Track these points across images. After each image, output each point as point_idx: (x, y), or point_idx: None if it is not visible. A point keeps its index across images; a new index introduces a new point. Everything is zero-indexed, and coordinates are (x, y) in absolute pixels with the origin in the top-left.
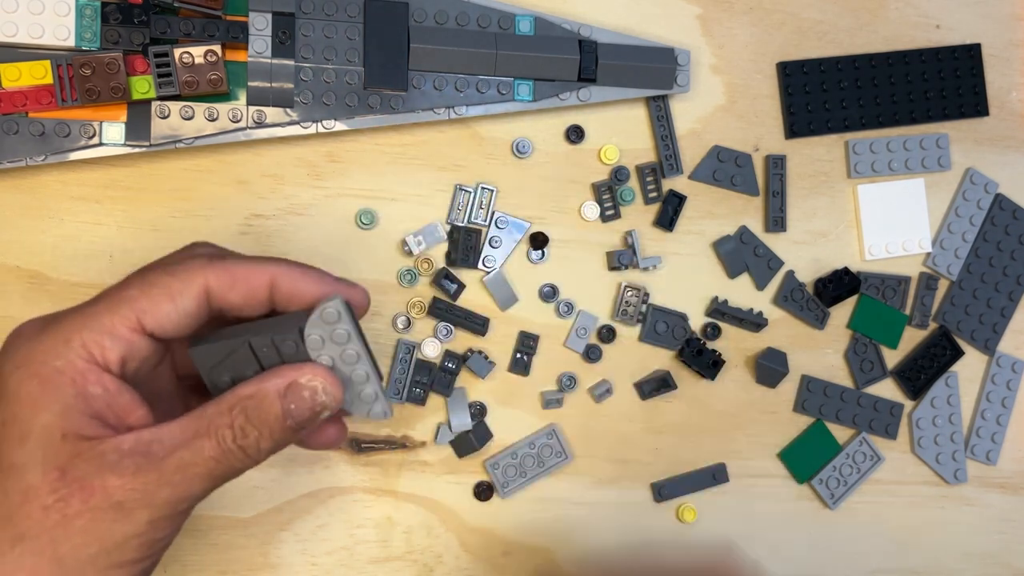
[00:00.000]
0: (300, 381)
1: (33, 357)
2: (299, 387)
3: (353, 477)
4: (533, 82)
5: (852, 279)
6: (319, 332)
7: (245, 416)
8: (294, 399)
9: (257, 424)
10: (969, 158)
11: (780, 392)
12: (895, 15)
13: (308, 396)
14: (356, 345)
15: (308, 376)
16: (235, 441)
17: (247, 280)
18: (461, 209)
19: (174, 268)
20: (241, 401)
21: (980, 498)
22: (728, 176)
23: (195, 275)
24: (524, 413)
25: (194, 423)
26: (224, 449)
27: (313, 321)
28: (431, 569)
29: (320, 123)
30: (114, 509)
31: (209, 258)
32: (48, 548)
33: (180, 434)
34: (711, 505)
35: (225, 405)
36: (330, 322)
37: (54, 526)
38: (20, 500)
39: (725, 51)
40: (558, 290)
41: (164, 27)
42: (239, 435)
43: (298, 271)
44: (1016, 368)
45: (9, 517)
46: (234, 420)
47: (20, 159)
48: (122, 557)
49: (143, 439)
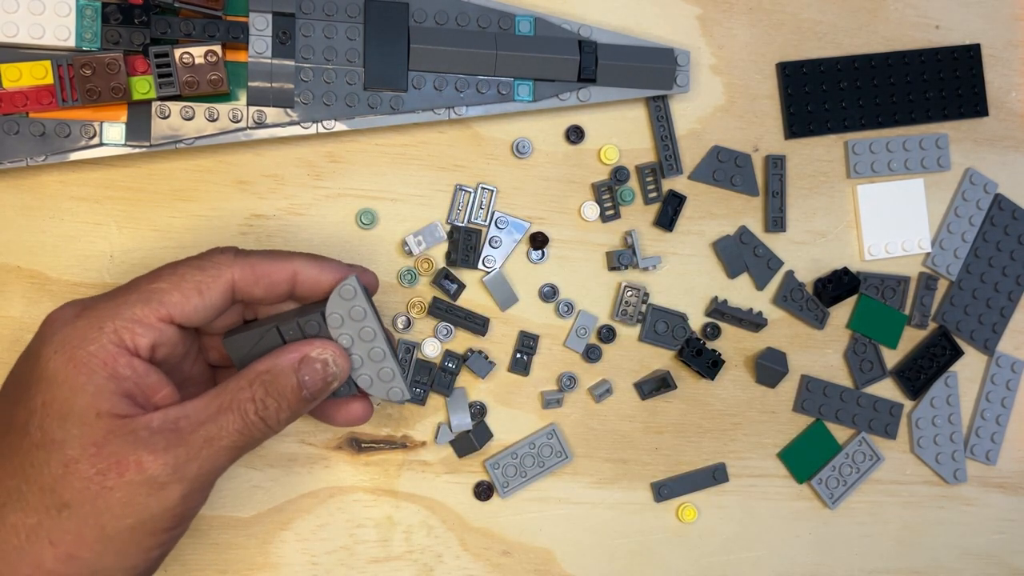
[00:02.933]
0: (311, 355)
1: (69, 342)
2: (311, 360)
3: (353, 477)
4: (533, 82)
5: (852, 279)
6: (338, 311)
7: (264, 389)
8: (307, 371)
9: (276, 396)
10: (968, 158)
11: (780, 392)
12: (895, 15)
13: (320, 368)
14: (372, 322)
15: (319, 350)
16: (256, 413)
17: (269, 275)
18: (461, 209)
19: (203, 263)
20: (260, 376)
21: (980, 498)
22: (728, 176)
23: (223, 271)
24: (524, 413)
25: (217, 399)
26: (247, 422)
27: (333, 300)
28: (431, 569)
29: (320, 123)
30: (148, 483)
31: (235, 254)
32: (91, 517)
33: (204, 410)
34: (711, 505)
35: (245, 380)
36: (347, 298)
37: (95, 497)
38: (62, 472)
39: (725, 51)
40: (558, 290)
41: (164, 27)
42: (260, 407)
43: (316, 264)
44: (1016, 368)
45: (52, 488)
46: (255, 393)
47: (20, 159)
48: (156, 526)
49: (170, 416)
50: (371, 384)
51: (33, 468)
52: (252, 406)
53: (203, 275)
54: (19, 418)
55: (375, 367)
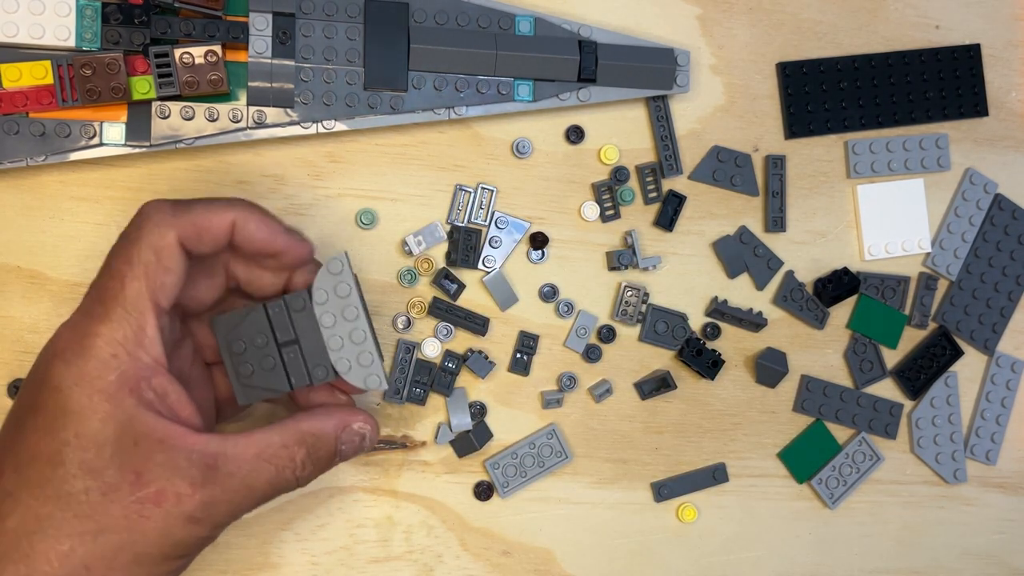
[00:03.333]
0: (354, 427)
1: (88, 373)
2: (353, 432)
3: (353, 477)
4: (533, 82)
5: (852, 279)
6: (324, 286)
7: (307, 451)
8: (347, 441)
9: (314, 460)
10: (968, 158)
11: (780, 392)
12: (895, 15)
13: (358, 441)
14: (356, 301)
15: (360, 423)
16: (294, 472)
17: (210, 229)
18: (461, 209)
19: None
20: (304, 437)
21: (980, 498)
22: (728, 176)
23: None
24: (524, 413)
25: (257, 446)
26: (282, 477)
27: (321, 274)
28: (431, 569)
29: (320, 123)
30: (183, 516)
31: (172, 212)
32: (127, 542)
33: (243, 454)
34: (711, 505)
35: (289, 437)
36: (334, 272)
37: (132, 524)
38: (100, 500)
39: (725, 51)
40: (558, 290)
41: (164, 27)
42: (299, 468)
43: (255, 218)
44: (1015, 368)
45: (90, 515)
46: (296, 454)
47: (20, 159)
48: (184, 552)
49: (211, 450)
50: (349, 369)
51: (71, 496)
52: (292, 465)
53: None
54: (46, 448)
55: (355, 350)
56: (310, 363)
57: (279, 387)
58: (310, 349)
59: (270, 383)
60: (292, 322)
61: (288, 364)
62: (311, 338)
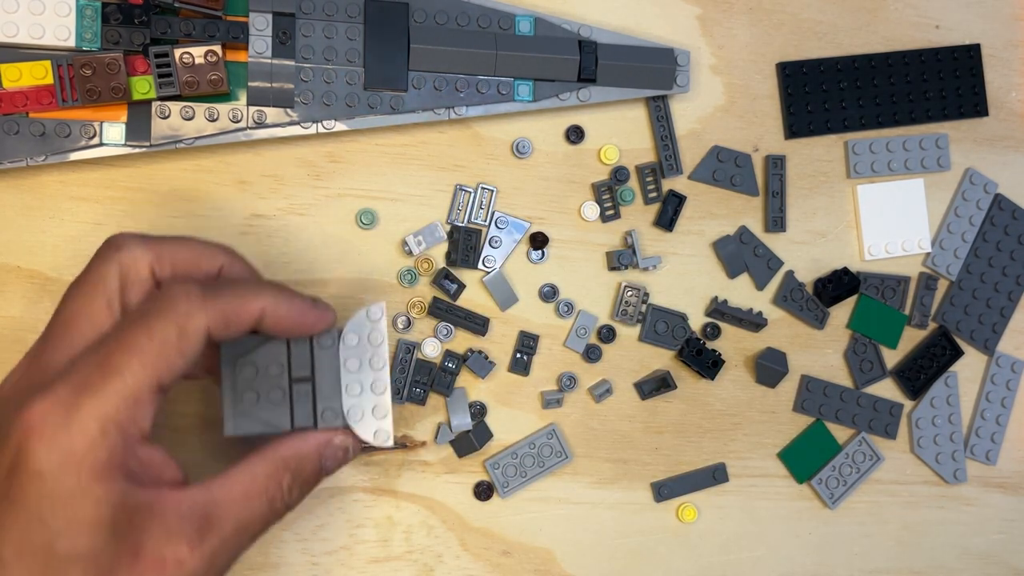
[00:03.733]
0: (335, 442)
1: (75, 454)
2: (335, 447)
3: (353, 477)
4: (533, 82)
5: (852, 279)
6: (357, 331)
7: (292, 476)
8: (330, 458)
9: (300, 483)
10: (968, 158)
11: (780, 392)
12: (895, 15)
13: (342, 455)
14: (385, 352)
15: (341, 438)
16: (283, 500)
17: (239, 317)
18: (461, 209)
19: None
20: (286, 462)
21: (980, 498)
22: (728, 176)
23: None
24: (524, 413)
25: (243, 484)
26: (273, 509)
27: (357, 317)
28: (431, 569)
29: (320, 123)
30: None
31: (202, 298)
32: None
33: (231, 495)
34: (711, 505)
35: (271, 466)
36: (373, 319)
37: None
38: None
39: (725, 51)
40: (558, 290)
41: (164, 27)
42: (287, 495)
43: (285, 303)
44: (1016, 368)
45: None
46: (283, 481)
47: (20, 159)
48: None
49: (199, 501)
50: (361, 418)
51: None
52: (281, 494)
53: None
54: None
55: (373, 400)
56: (320, 404)
57: (279, 423)
58: (324, 390)
59: (271, 417)
60: (313, 358)
61: (295, 401)
62: (328, 379)
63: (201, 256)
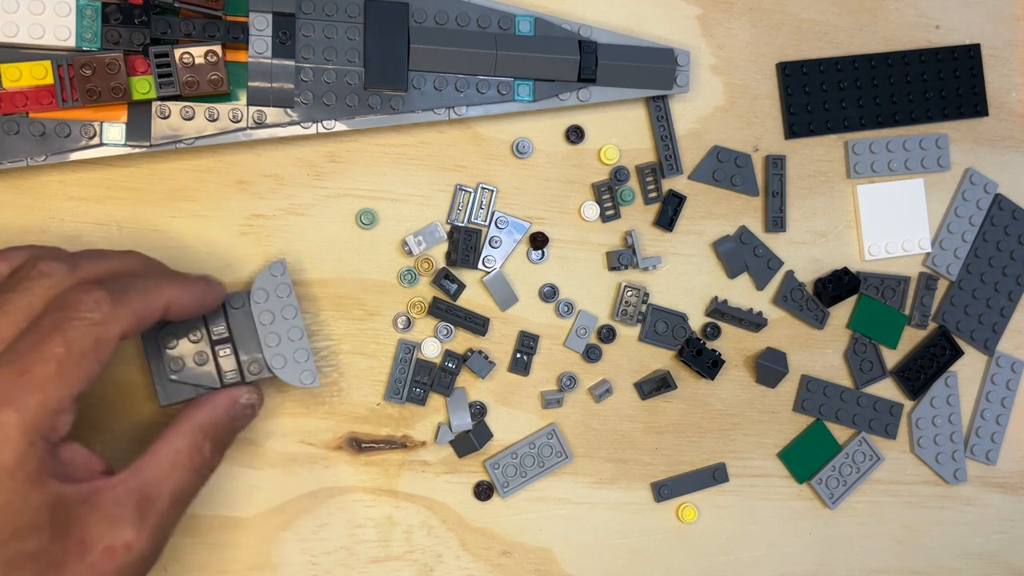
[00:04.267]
0: (241, 401)
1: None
2: (242, 406)
3: (353, 477)
4: (533, 82)
5: (852, 279)
6: (265, 286)
7: (210, 441)
8: (240, 414)
9: (219, 444)
10: (968, 158)
11: (780, 392)
12: (895, 15)
13: (250, 412)
14: (294, 301)
15: (245, 396)
16: (207, 464)
17: (149, 317)
18: (461, 209)
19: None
20: (202, 428)
21: (980, 498)
22: (728, 176)
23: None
24: (524, 413)
25: (168, 458)
26: (200, 474)
27: (262, 275)
28: (431, 569)
29: (320, 123)
30: (139, 558)
31: (111, 303)
32: None
33: (160, 471)
34: (711, 505)
35: (194, 436)
36: (276, 275)
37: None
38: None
39: (725, 51)
40: (558, 290)
41: (165, 27)
42: (208, 457)
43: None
44: (1015, 368)
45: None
46: (203, 447)
47: (21, 159)
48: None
49: (131, 485)
50: (284, 365)
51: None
52: (203, 459)
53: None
54: None
55: (291, 347)
56: (244, 360)
57: (209, 384)
58: (245, 346)
59: (200, 380)
60: (228, 320)
61: (220, 361)
62: (246, 336)
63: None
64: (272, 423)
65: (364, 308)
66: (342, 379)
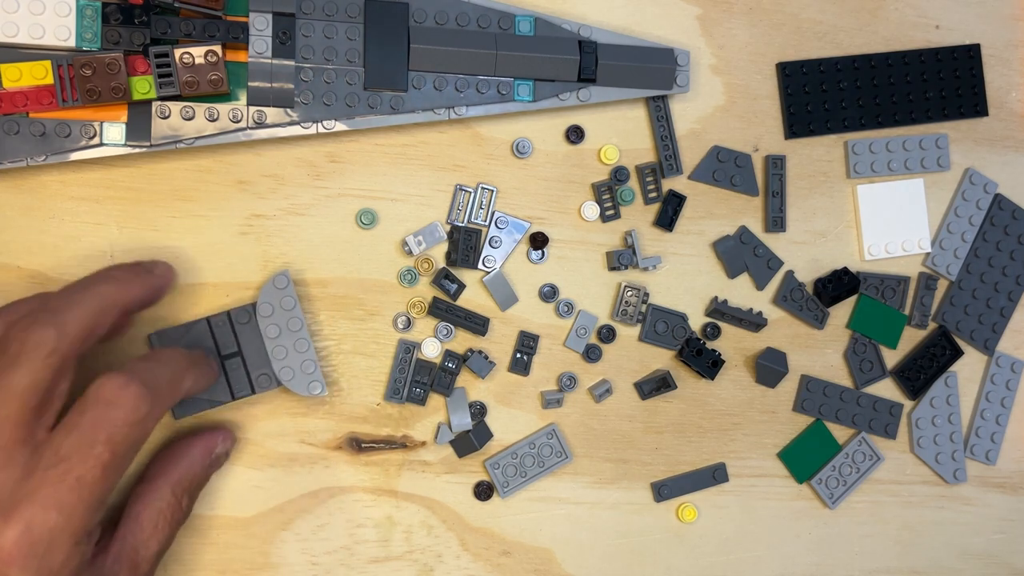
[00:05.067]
0: (217, 451)
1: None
2: (218, 456)
3: (353, 477)
4: (533, 82)
5: (851, 279)
6: (270, 300)
7: (187, 495)
8: (214, 464)
9: (193, 493)
10: (968, 158)
11: (780, 392)
12: (895, 15)
13: (223, 459)
14: (300, 313)
15: (220, 446)
16: (184, 514)
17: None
18: (461, 209)
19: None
20: (180, 484)
21: (980, 498)
22: (728, 176)
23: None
24: (524, 413)
25: (151, 520)
26: (179, 524)
27: (266, 289)
28: (431, 569)
29: (320, 123)
30: None
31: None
32: None
33: (142, 536)
34: (711, 505)
35: (171, 496)
36: (280, 287)
37: None
38: None
39: (725, 51)
40: (558, 290)
41: (165, 27)
42: (186, 508)
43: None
44: (1015, 368)
45: None
46: (181, 501)
47: (21, 159)
48: None
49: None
50: (292, 377)
51: None
52: (181, 513)
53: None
54: None
55: (299, 358)
56: (253, 373)
57: (220, 398)
58: (253, 360)
59: (212, 394)
60: (236, 334)
61: (230, 375)
62: (254, 349)
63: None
64: (272, 423)
65: (364, 308)
66: (342, 379)
